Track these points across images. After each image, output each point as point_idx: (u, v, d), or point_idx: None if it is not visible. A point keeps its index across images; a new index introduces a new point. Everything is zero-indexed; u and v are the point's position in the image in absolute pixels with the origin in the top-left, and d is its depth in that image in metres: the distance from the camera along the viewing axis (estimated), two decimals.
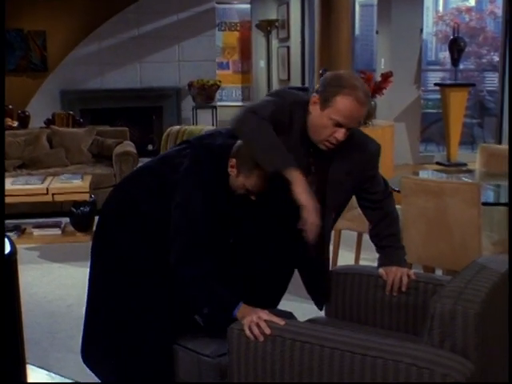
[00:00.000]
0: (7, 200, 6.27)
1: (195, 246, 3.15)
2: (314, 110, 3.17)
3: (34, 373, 4.21)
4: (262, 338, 2.82)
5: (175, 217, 3.21)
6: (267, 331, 2.83)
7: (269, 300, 3.47)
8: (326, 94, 3.11)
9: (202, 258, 3.15)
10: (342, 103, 3.07)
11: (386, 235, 3.53)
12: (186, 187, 3.23)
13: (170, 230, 3.20)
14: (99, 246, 3.53)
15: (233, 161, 3.24)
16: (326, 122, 3.12)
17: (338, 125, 3.11)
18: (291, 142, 3.19)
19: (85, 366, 4.14)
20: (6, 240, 2.82)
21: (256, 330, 2.84)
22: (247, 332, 2.85)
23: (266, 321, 2.86)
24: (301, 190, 3.01)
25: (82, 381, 4.12)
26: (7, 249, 2.73)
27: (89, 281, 3.56)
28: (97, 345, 3.57)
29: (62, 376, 4.24)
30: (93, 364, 3.62)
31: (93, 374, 3.68)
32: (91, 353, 3.61)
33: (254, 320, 2.87)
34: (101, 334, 3.53)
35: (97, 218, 7.15)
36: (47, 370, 4.33)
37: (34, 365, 4.28)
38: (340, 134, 3.12)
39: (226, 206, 3.30)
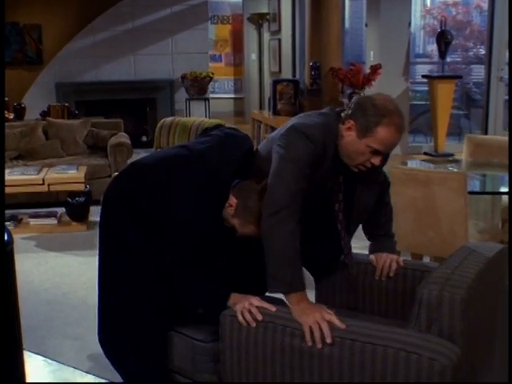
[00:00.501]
0: None
1: (191, 250, 3.19)
2: (349, 136, 3.09)
3: (30, 359, 4.23)
4: (254, 324, 2.88)
5: (171, 222, 3.23)
6: (259, 317, 2.88)
7: (260, 286, 3.50)
8: (364, 123, 3.03)
9: (198, 261, 3.20)
10: (383, 134, 3.01)
11: (381, 224, 3.61)
12: (182, 195, 3.25)
13: (166, 233, 3.24)
14: (103, 237, 3.54)
15: (233, 200, 3.24)
16: (363, 149, 3.07)
17: (376, 152, 3.08)
18: (325, 167, 3.17)
19: (81, 352, 4.25)
20: None
21: (248, 316, 2.90)
22: (240, 318, 2.91)
23: (257, 307, 2.92)
24: (297, 313, 2.89)
25: (79, 367, 4.17)
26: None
27: (98, 270, 3.57)
28: (107, 333, 3.60)
29: (58, 362, 4.26)
30: (107, 351, 3.62)
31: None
32: (106, 342, 3.61)
33: (245, 306, 2.93)
34: (108, 323, 3.57)
35: (92, 208, 7.31)
36: (44, 357, 4.36)
37: (30, 351, 4.29)
38: (377, 160, 3.10)
39: (217, 222, 3.31)
